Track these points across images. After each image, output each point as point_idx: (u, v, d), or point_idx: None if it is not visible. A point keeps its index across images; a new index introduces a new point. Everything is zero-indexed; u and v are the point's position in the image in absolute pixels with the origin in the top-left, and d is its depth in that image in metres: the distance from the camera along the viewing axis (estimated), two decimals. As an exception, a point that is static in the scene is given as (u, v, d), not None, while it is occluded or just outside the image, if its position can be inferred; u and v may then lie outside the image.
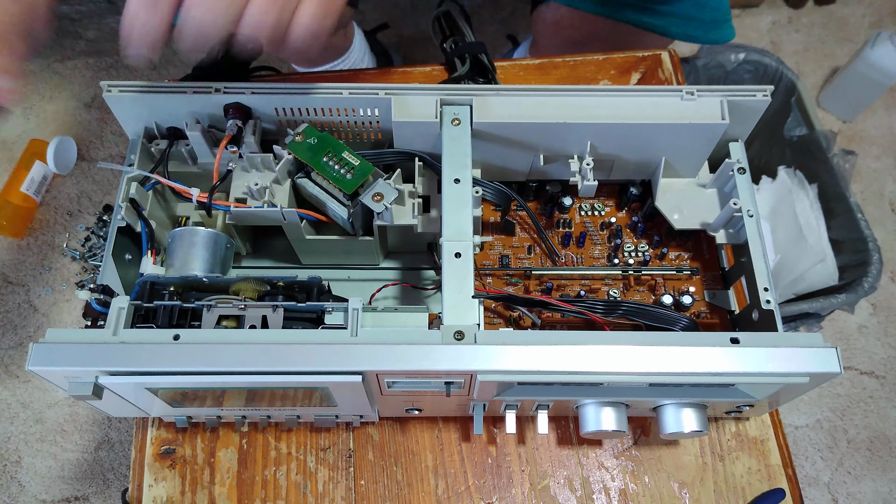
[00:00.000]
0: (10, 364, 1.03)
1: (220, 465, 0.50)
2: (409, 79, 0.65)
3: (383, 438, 0.51)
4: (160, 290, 0.44)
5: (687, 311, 0.52)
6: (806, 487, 0.99)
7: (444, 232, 0.44)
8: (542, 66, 0.66)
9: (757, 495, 0.50)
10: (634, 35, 0.75)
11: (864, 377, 1.06)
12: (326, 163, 0.47)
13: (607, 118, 0.48)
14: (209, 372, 0.38)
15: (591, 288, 0.53)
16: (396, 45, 1.28)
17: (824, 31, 1.37)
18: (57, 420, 1.00)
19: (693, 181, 0.53)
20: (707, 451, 0.51)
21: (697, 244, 0.54)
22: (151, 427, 0.51)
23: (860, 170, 1.22)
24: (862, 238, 0.90)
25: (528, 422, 0.52)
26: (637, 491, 0.50)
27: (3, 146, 1.18)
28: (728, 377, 0.39)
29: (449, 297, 0.42)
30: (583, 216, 0.56)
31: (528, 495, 0.50)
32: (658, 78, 0.66)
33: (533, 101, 0.48)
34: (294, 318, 0.44)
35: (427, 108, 0.48)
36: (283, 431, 0.51)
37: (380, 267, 0.56)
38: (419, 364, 0.38)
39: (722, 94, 0.48)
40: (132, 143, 0.50)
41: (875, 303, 1.11)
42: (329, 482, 0.50)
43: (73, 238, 1.11)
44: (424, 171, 0.51)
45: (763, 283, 0.45)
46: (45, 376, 0.39)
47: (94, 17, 1.32)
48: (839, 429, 1.03)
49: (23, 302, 1.07)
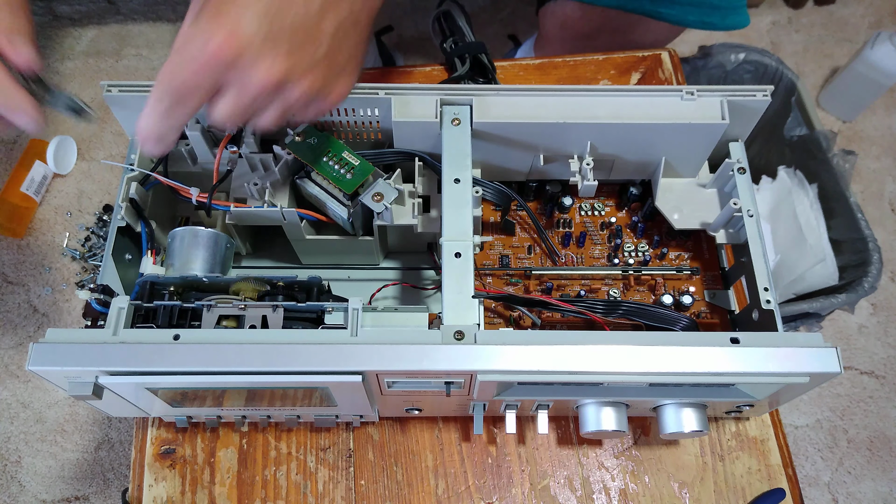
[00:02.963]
0: (10, 364, 1.03)
1: (220, 465, 0.50)
2: (409, 79, 0.65)
3: (383, 438, 0.51)
4: (160, 290, 0.44)
5: (687, 311, 0.52)
6: (806, 487, 0.99)
7: (444, 232, 0.44)
8: (542, 66, 0.66)
9: (757, 495, 0.50)
10: (645, 25, 0.75)
11: (864, 377, 1.06)
12: (326, 163, 0.47)
13: (607, 118, 0.48)
14: (209, 372, 0.38)
15: (591, 288, 0.53)
16: (397, 45, 1.28)
17: (824, 31, 1.37)
18: (57, 420, 1.00)
19: (693, 181, 0.53)
20: (707, 450, 0.51)
21: (697, 244, 0.54)
22: (151, 427, 0.51)
23: (860, 170, 1.22)
24: (862, 238, 0.90)
25: (528, 422, 0.52)
26: (637, 491, 0.50)
27: (3, 146, 1.18)
28: (728, 377, 0.39)
29: (449, 297, 0.42)
30: (583, 216, 0.56)
31: (528, 495, 0.50)
32: (658, 78, 0.66)
33: (533, 101, 0.48)
34: (294, 318, 0.44)
35: (427, 108, 0.48)
36: (283, 431, 0.51)
37: (380, 267, 0.56)
38: (419, 364, 0.38)
39: (722, 94, 0.48)
40: (132, 142, 0.50)
41: (875, 303, 1.11)
42: (329, 482, 0.50)
43: (73, 238, 1.11)
44: (424, 171, 0.51)
45: (763, 283, 0.45)
46: (45, 376, 0.39)
47: (94, 17, 1.32)
48: (839, 429, 1.03)
49: (23, 302, 1.07)
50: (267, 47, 0.35)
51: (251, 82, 0.36)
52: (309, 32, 0.37)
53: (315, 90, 0.39)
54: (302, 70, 0.37)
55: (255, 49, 0.35)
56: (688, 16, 0.70)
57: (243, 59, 0.35)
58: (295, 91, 0.38)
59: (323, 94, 0.39)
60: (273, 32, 0.35)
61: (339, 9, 0.38)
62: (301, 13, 0.36)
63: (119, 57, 1.28)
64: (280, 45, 0.36)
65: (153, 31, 1.31)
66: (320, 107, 0.40)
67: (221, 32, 0.34)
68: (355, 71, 0.41)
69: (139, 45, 1.30)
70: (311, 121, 0.45)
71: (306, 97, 0.39)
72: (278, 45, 0.36)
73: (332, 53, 0.38)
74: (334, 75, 0.39)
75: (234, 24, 0.34)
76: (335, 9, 0.37)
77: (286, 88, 0.37)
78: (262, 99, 0.37)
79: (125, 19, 1.32)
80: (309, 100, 0.39)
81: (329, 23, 0.37)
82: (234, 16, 0.35)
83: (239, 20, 0.35)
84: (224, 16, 0.35)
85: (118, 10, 1.32)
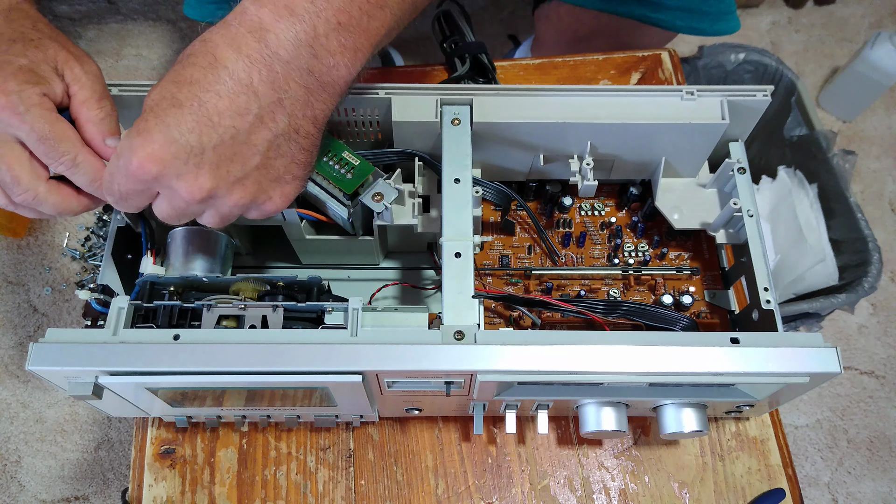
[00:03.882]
0: (10, 364, 1.03)
1: (220, 465, 0.50)
2: (409, 79, 0.65)
3: (383, 438, 0.51)
4: (160, 290, 0.44)
5: (687, 311, 0.52)
6: (806, 487, 0.99)
7: (444, 232, 0.44)
8: (542, 66, 0.66)
9: (757, 495, 0.50)
10: (638, 30, 0.75)
11: (864, 377, 1.06)
12: (326, 163, 0.47)
13: (607, 118, 0.48)
14: (209, 372, 0.38)
15: (591, 288, 0.53)
16: (396, 45, 1.28)
17: (824, 31, 1.37)
18: (57, 420, 1.00)
19: (693, 181, 0.53)
20: (707, 450, 0.51)
21: (697, 244, 0.54)
22: (151, 427, 0.51)
23: (860, 170, 1.22)
24: (862, 238, 0.90)
25: (528, 422, 0.52)
26: (637, 491, 0.50)
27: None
28: (728, 377, 0.39)
29: (449, 296, 0.42)
30: (583, 216, 0.56)
31: (528, 495, 0.50)
32: (658, 78, 0.66)
33: (533, 101, 0.48)
34: (294, 318, 0.44)
35: (427, 107, 0.48)
36: (283, 431, 0.51)
37: (380, 267, 0.56)
38: (419, 364, 0.38)
39: (722, 94, 0.48)
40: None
41: (875, 303, 1.11)
42: (329, 482, 0.50)
43: (73, 238, 1.11)
44: (424, 171, 0.51)
45: (763, 282, 0.45)
46: (45, 376, 0.39)
47: (94, 17, 1.32)
48: (839, 429, 1.03)
49: (23, 302, 1.07)
50: (191, 164, 0.36)
51: (177, 196, 0.37)
52: (237, 147, 0.37)
53: (247, 200, 0.39)
54: (229, 184, 0.38)
55: (177, 166, 0.36)
56: (677, 21, 0.70)
57: (165, 177, 0.36)
58: (226, 202, 0.38)
59: (258, 203, 0.40)
60: (197, 149, 0.36)
61: (275, 122, 0.37)
62: (229, 129, 0.36)
63: (119, 57, 1.28)
64: (204, 161, 0.36)
65: (153, 31, 1.31)
66: (263, 211, 0.41)
67: (142, 152, 0.35)
68: (299, 177, 0.41)
69: (139, 44, 1.30)
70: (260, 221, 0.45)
71: (239, 207, 0.39)
72: (203, 162, 0.36)
73: (266, 164, 0.38)
74: (270, 184, 0.40)
75: (155, 143, 0.35)
76: (269, 122, 0.37)
77: (215, 199, 0.38)
78: (194, 207, 0.38)
79: (125, 19, 1.32)
80: (243, 209, 0.40)
81: (261, 136, 0.37)
82: (156, 134, 0.35)
83: (161, 139, 0.35)
84: (146, 134, 0.35)
85: (118, 10, 1.32)
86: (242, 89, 0.36)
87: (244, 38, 0.36)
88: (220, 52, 0.36)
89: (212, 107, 0.36)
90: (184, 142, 0.35)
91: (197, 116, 0.35)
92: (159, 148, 0.35)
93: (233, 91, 0.36)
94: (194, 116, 0.35)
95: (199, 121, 0.36)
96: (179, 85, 0.36)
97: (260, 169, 0.38)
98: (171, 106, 0.36)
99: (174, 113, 0.35)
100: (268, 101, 0.37)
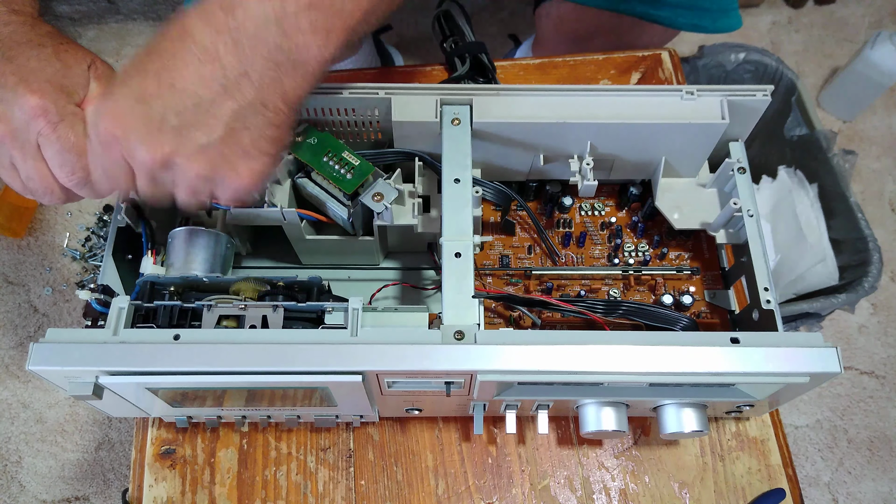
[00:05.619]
0: (11, 364, 1.03)
1: (221, 465, 0.50)
2: (409, 79, 0.65)
3: (383, 438, 0.51)
4: (160, 290, 0.44)
5: (687, 311, 0.52)
6: (806, 487, 0.99)
7: (444, 232, 0.44)
8: (542, 66, 0.66)
9: (757, 495, 0.50)
10: (639, 28, 0.75)
11: (864, 377, 1.06)
12: (326, 163, 0.47)
13: (607, 118, 0.48)
14: (209, 372, 0.38)
15: (591, 288, 0.53)
16: (397, 44, 1.28)
17: (824, 31, 1.37)
18: (57, 420, 1.00)
19: (693, 181, 0.53)
20: (707, 451, 0.51)
21: (697, 244, 0.54)
22: (152, 427, 0.51)
23: (860, 170, 1.22)
24: (862, 238, 0.90)
25: (528, 422, 0.52)
26: (637, 491, 0.50)
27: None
28: (728, 377, 0.39)
29: (449, 296, 0.42)
30: (583, 216, 0.56)
31: (528, 495, 0.50)
32: (658, 77, 0.66)
33: (533, 101, 0.48)
34: (294, 318, 0.44)
35: (427, 107, 0.48)
36: (284, 431, 0.51)
37: (380, 267, 0.56)
38: (419, 364, 0.38)
39: (722, 94, 0.48)
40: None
41: (875, 303, 1.11)
42: (329, 482, 0.50)
43: (74, 238, 1.11)
44: (424, 171, 0.51)
45: (763, 282, 0.45)
46: (45, 376, 0.39)
47: (94, 17, 1.32)
48: (839, 429, 1.03)
49: (23, 302, 1.07)
50: (152, 127, 0.37)
51: (137, 160, 0.38)
52: (200, 116, 0.37)
53: (210, 170, 0.39)
54: (189, 152, 0.38)
55: (139, 128, 0.37)
56: (678, 18, 0.70)
57: (129, 140, 0.37)
58: (188, 171, 0.38)
59: (222, 176, 0.39)
60: (159, 113, 0.37)
61: (241, 94, 0.37)
62: (192, 96, 0.37)
63: (119, 56, 1.28)
64: (166, 126, 0.37)
65: (153, 31, 1.31)
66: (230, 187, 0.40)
67: (107, 115, 0.37)
68: (267, 153, 0.40)
69: (139, 44, 1.30)
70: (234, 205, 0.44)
71: (202, 178, 0.39)
72: (164, 127, 0.37)
73: (232, 135, 0.38)
74: (236, 157, 0.39)
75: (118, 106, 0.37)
76: (235, 93, 0.37)
77: (175, 168, 0.38)
78: (158, 175, 0.39)
79: (125, 19, 1.32)
80: (208, 180, 0.39)
81: (226, 107, 0.37)
82: (120, 99, 0.37)
83: (124, 103, 0.37)
84: (111, 98, 0.37)
85: (118, 9, 1.32)
86: (208, 58, 0.37)
87: (214, 11, 0.37)
88: (189, 23, 0.37)
89: (176, 74, 0.37)
90: (146, 106, 0.36)
91: (160, 82, 0.37)
92: (121, 110, 0.37)
93: (198, 60, 0.37)
94: (157, 82, 0.37)
95: (162, 86, 0.37)
96: (149, 55, 0.37)
97: (225, 140, 0.38)
98: (137, 73, 0.37)
99: (139, 79, 0.37)
100: (234, 73, 0.37)
